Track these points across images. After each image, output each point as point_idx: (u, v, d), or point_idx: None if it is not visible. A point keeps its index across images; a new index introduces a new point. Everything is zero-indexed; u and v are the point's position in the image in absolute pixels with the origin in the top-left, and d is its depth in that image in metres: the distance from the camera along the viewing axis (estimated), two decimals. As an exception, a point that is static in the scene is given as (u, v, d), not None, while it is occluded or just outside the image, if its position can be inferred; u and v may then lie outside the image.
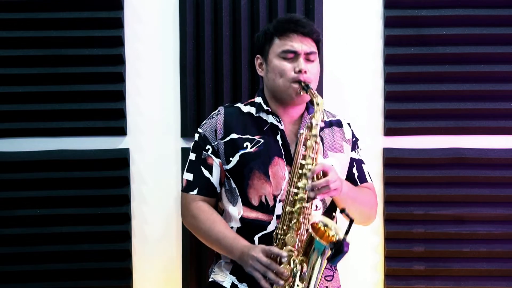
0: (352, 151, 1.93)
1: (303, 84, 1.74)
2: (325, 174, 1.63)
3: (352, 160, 1.93)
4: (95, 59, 2.31)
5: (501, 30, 2.34)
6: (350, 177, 1.91)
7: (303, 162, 1.66)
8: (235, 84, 2.34)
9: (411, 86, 2.37)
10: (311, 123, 1.69)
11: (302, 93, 1.75)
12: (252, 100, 1.92)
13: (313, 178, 1.62)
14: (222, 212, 1.89)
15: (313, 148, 1.67)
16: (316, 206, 1.80)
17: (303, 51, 1.76)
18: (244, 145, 1.81)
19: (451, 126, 2.37)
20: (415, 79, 2.37)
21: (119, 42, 2.32)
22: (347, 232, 1.50)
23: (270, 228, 1.77)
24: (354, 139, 1.96)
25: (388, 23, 2.35)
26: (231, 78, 2.34)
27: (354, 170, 1.93)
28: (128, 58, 2.35)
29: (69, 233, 2.34)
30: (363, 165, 1.96)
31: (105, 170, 2.33)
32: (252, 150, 1.80)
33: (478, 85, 2.36)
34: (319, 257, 1.56)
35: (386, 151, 2.38)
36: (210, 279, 1.90)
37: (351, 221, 1.50)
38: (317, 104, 1.69)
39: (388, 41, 2.36)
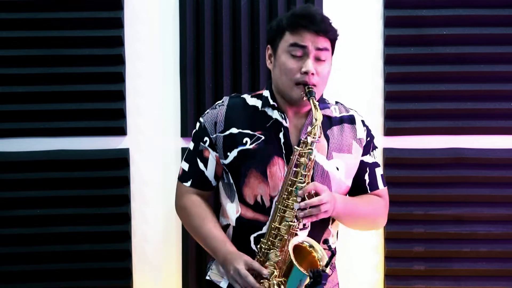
0: (365, 154, 1.81)
1: (307, 89, 1.64)
2: (317, 194, 1.58)
3: (365, 165, 1.81)
4: (95, 59, 2.31)
5: (501, 30, 2.34)
6: (360, 185, 1.81)
7: (295, 179, 1.61)
8: (235, 84, 2.34)
9: (411, 86, 2.37)
10: (306, 140, 1.61)
11: (304, 99, 1.65)
12: (260, 92, 1.82)
13: (303, 197, 1.58)
14: (219, 207, 1.86)
15: (307, 166, 1.60)
16: (304, 225, 1.69)
17: (313, 48, 1.64)
18: (244, 140, 1.72)
19: (451, 126, 2.37)
20: (415, 79, 2.37)
21: (119, 42, 2.32)
22: (327, 264, 1.48)
23: (265, 228, 1.71)
24: (368, 139, 1.83)
25: (388, 23, 2.35)
26: (231, 78, 2.34)
27: (366, 177, 1.81)
28: (128, 58, 2.35)
29: (69, 233, 2.34)
30: (377, 169, 1.84)
31: (105, 170, 2.33)
32: (251, 146, 1.71)
33: (478, 85, 2.36)
34: (298, 283, 1.55)
35: (386, 151, 2.38)
36: (207, 277, 1.88)
37: (332, 254, 1.47)
38: (315, 119, 1.60)
39: (388, 41, 2.36)
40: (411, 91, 2.37)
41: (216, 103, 1.82)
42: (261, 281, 1.60)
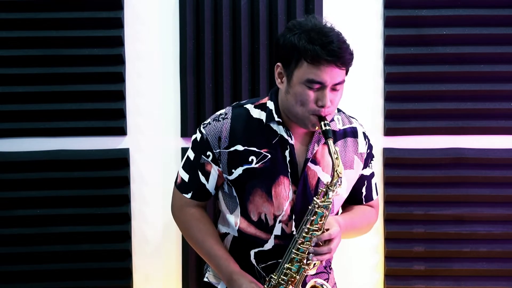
0: (365, 167, 1.82)
1: (323, 127, 1.58)
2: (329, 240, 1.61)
3: (364, 178, 1.83)
4: (95, 59, 2.31)
5: (501, 30, 2.34)
6: (356, 196, 1.84)
7: (310, 227, 1.60)
8: (235, 84, 2.34)
9: (411, 86, 2.37)
10: (327, 192, 1.59)
11: (317, 128, 1.61)
12: (264, 102, 1.74)
13: (316, 243, 1.61)
14: (219, 213, 1.85)
15: (323, 216, 1.59)
16: (314, 265, 1.68)
17: (331, 83, 1.57)
18: (250, 159, 1.68)
19: (451, 126, 2.37)
20: (415, 79, 2.37)
21: (119, 42, 2.32)
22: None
23: (267, 246, 1.72)
24: (368, 151, 1.83)
25: (388, 23, 2.35)
26: (231, 78, 2.34)
27: (363, 189, 1.84)
28: (128, 58, 2.35)
29: (69, 233, 2.34)
30: (373, 179, 1.87)
31: (105, 170, 2.33)
32: (257, 166, 1.68)
33: (478, 85, 2.36)
34: None
35: (386, 151, 2.38)
36: (205, 279, 1.88)
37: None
38: (338, 175, 1.56)
39: (388, 41, 2.36)
40: (411, 91, 2.37)
41: (219, 114, 1.75)
42: None
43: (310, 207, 1.61)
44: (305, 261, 1.62)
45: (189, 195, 1.77)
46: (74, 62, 2.31)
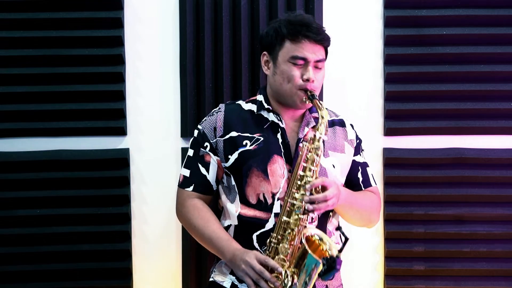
0: (356, 154, 1.93)
1: (309, 93, 1.74)
2: (324, 188, 1.65)
3: (357, 164, 1.93)
4: (95, 59, 2.31)
5: (501, 30, 2.34)
6: (354, 182, 1.92)
7: (303, 173, 1.67)
8: (235, 84, 2.34)
9: (411, 86, 2.37)
10: (314, 136, 1.69)
11: (307, 102, 1.75)
12: (254, 98, 1.91)
13: (311, 190, 1.64)
14: (222, 210, 1.90)
15: (314, 161, 1.68)
16: (312, 219, 1.78)
17: (313, 59, 1.75)
18: (244, 142, 1.80)
19: (451, 126, 2.37)
20: (415, 79, 2.37)
21: (119, 42, 2.32)
22: (341, 250, 1.54)
23: (268, 226, 1.76)
24: (358, 141, 1.95)
25: (388, 23, 2.35)
26: (231, 78, 2.34)
27: (359, 175, 1.93)
28: (128, 58, 2.35)
29: (69, 233, 2.34)
30: (367, 168, 1.96)
31: (105, 170, 2.33)
32: (251, 148, 1.80)
33: (478, 85, 2.36)
34: (311, 271, 1.57)
35: (386, 151, 2.38)
36: (211, 279, 1.90)
37: (346, 240, 1.53)
38: (322, 117, 1.70)
39: (388, 41, 2.36)
40: (411, 91, 2.37)
41: (213, 110, 1.90)
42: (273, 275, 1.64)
43: (299, 152, 1.70)
44: (302, 213, 1.65)
45: (190, 188, 1.85)
46: (74, 62, 2.31)
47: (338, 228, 1.61)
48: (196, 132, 1.89)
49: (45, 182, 2.33)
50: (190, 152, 1.88)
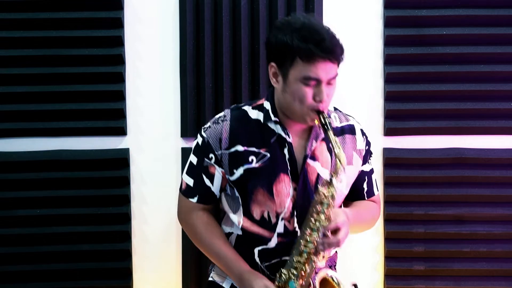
0: (364, 164, 1.85)
1: (323, 120, 1.62)
2: (337, 230, 1.63)
3: (364, 174, 1.86)
4: (95, 59, 2.31)
5: (501, 30, 2.34)
6: (358, 191, 1.87)
7: (316, 217, 1.62)
8: (235, 84, 2.34)
9: (411, 86, 2.37)
10: (331, 181, 1.62)
11: (317, 123, 1.66)
12: (261, 103, 1.78)
13: (324, 233, 1.62)
14: (224, 214, 1.86)
15: (329, 205, 1.62)
16: (323, 256, 1.73)
17: (326, 79, 1.61)
18: (250, 159, 1.71)
19: (451, 126, 2.37)
20: (415, 79, 2.37)
21: (119, 42, 2.32)
22: None
23: (271, 244, 1.73)
24: (367, 148, 1.86)
25: (388, 23, 2.35)
26: (231, 78, 2.34)
27: (365, 185, 1.87)
28: (128, 58, 2.35)
29: (69, 233, 2.34)
30: (372, 175, 1.90)
31: (105, 170, 2.33)
32: (257, 165, 1.71)
33: (478, 85, 2.36)
34: None
35: (386, 151, 2.38)
36: (210, 279, 1.90)
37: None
38: (338, 159, 1.60)
39: (388, 41, 2.36)
40: (411, 91, 2.37)
41: (218, 117, 1.78)
42: None
43: (315, 197, 1.63)
44: (314, 252, 1.64)
45: (195, 199, 1.79)
46: (74, 62, 2.31)
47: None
48: (200, 139, 1.77)
49: (45, 182, 2.33)
50: (194, 160, 1.78)
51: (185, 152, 2.34)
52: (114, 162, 2.34)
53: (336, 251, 1.94)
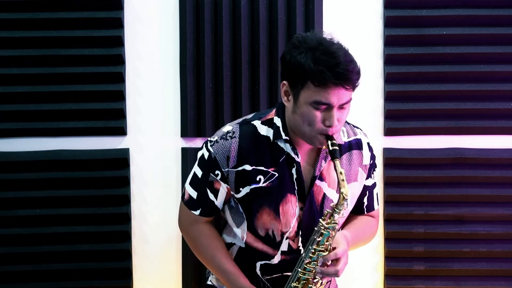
0: (367, 178, 1.82)
1: (331, 147, 1.57)
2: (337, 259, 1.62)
3: (366, 188, 1.83)
4: (95, 59, 2.31)
5: (501, 30, 2.34)
6: (358, 205, 1.84)
7: (316, 248, 1.60)
8: (235, 84, 2.34)
9: (411, 86, 2.37)
10: (332, 215, 1.58)
11: (324, 147, 1.61)
12: (271, 117, 1.71)
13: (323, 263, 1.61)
14: (225, 223, 1.84)
15: (329, 237, 1.59)
16: (321, 283, 1.71)
17: (338, 104, 1.55)
18: (257, 178, 1.67)
19: (451, 126, 2.37)
20: (415, 79, 2.37)
21: (119, 42, 2.32)
22: None
23: (274, 261, 1.72)
24: (372, 162, 1.82)
25: (388, 23, 2.35)
26: (231, 78, 2.34)
27: (365, 199, 1.85)
28: (128, 58, 2.35)
29: (69, 233, 2.34)
30: (374, 189, 1.87)
31: (105, 170, 2.33)
32: (264, 185, 1.67)
33: (478, 85, 2.36)
34: None
35: (386, 151, 2.38)
36: (208, 282, 1.89)
37: None
38: (343, 196, 1.54)
39: (388, 41, 2.36)
40: (411, 91, 2.36)
41: (227, 132, 1.71)
42: None
43: (316, 228, 1.60)
44: (311, 280, 1.63)
45: (197, 212, 1.76)
46: (74, 62, 2.31)
47: None
48: (206, 153, 1.70)
49: (45, 182, 2.33)
50: (198, 172, 1.73)
51: (185, 152, 2.34)
52: (114, 162, 2.34)
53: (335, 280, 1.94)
